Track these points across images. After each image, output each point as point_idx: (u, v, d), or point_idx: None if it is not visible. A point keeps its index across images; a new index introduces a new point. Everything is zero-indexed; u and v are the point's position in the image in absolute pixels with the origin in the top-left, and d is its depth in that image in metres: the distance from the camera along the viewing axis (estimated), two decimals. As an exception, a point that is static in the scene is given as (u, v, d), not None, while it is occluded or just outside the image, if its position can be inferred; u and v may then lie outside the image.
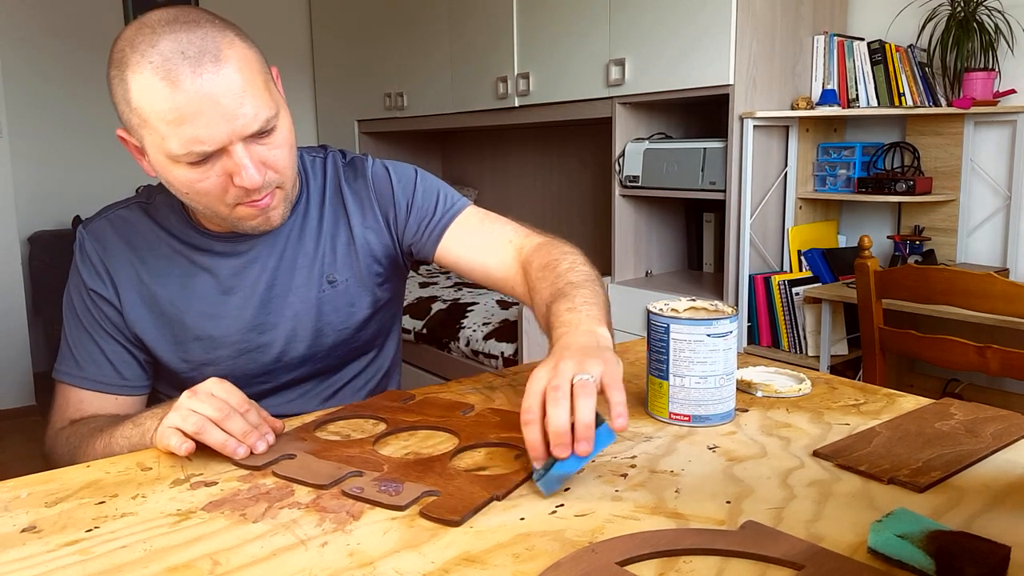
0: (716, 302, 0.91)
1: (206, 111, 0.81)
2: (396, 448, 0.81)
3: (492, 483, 0.70)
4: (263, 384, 1.05)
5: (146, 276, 1.00)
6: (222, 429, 0.77)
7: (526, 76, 2.93)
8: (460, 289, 3.28)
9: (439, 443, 0.82)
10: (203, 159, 0.84)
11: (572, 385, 0.69)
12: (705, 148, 2.41)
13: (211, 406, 0.78)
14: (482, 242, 1.05)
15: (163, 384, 1.07)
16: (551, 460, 0.68)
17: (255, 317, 1.02)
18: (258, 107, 0.85)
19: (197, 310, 1.00)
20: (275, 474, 0.75)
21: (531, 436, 0.69)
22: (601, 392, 0.70)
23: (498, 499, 0.68)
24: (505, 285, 1.03)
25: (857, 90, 2.34)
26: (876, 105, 2.30)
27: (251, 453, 0.78)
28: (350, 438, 0.85)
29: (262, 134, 0.86)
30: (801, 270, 2.42)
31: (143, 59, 0.81)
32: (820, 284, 2.33)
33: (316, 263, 1.04)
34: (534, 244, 1.02)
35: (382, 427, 0.87)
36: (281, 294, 1.03)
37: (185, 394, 0.79)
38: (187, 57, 0.81)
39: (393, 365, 1.20)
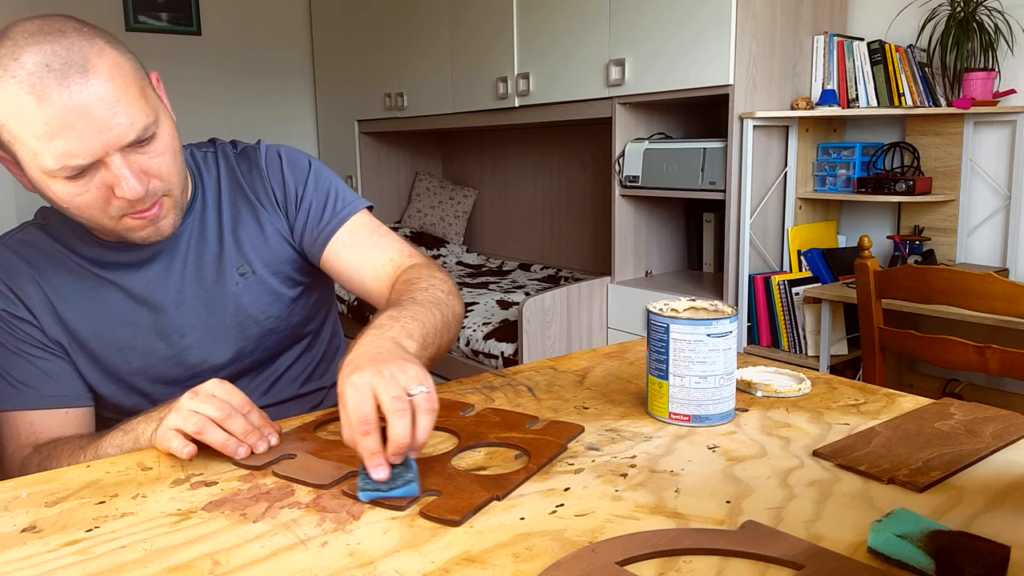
0: (716, 302, 0.91)
1: (77, 124, 0.79)
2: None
3: (492, 483, 0.70)
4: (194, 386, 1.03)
5: (53, 296, 0.97)
6: (223, 429, 0.77)
7: (526, 76, 2.93)
8: (460, 289, 3.28)
9: (439, 443, 0.82)
10: (80, 172, 0.82)
11: (411, 401, 0.69)
12: (705, 148, 2.41)
13: (212, 406, 0.77)
14: (366, 254, 1.04)
15: (106, 407, 1.03)
16: (390, 483, 0.68)
17: (171, 322, 1.00)
18: (133, 116, 0.82)
19: (111, 324, 0.98)
20: (275, 474, 0.75)
21: (372, 444, 0.68)
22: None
23: (498, 499, 0.68)
24: (378, 302, 1.02)
25: (857, 90, 2.34)
26: (876, 105, 2.30)
27: (252, 453, 0.78)
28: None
29: (141, 143, 0.84)
30: (801, 270, 2.42)
31: (6, 73, 0.78)
32: (820, 284, 2.33)
33: (224, 258, 1.02)
34: (410, 264, 1.03)
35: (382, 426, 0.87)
36: (193, 295, 1.00)
37: (187, 395, 0.79)
38: (52, 70, 0.78)
39: (331, 350, 1.17)
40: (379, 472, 0.68)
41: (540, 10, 2.85)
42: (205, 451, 0.79)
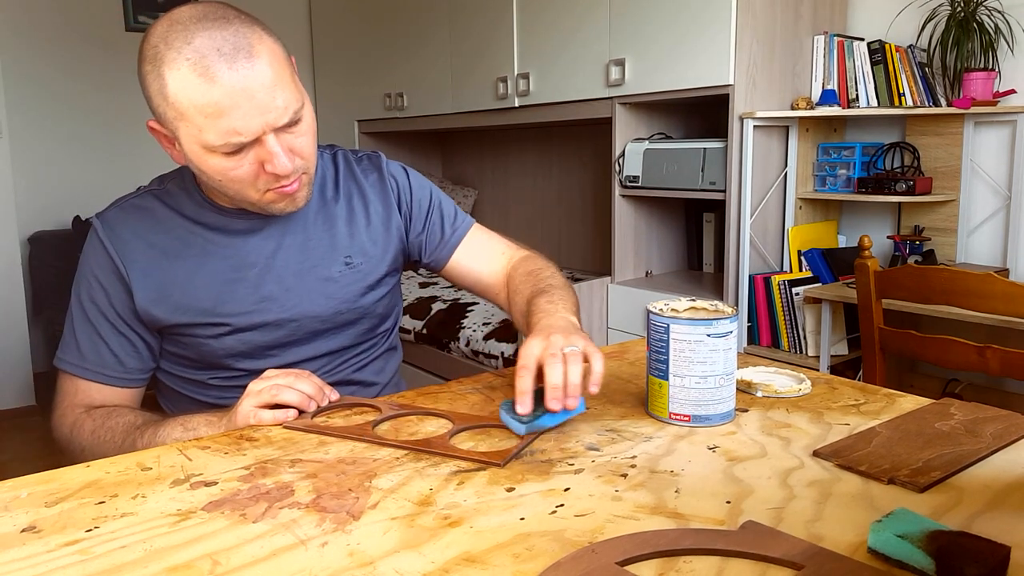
0: (716, 302, 0.91)
1: (242, 104, 0.86)
2: (391, 431, 0.81)
3: (495, 455, 0.77)
4: (277, 358, 1.08)
5: (161, 259, 1.02)
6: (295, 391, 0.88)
7: (526, 76, 2.93)
8: (460, 290, 3.28)
9: (438, 428, 0.82)
10: (238, 149, 0.89)
11: (564, 353, 0.81)
12: (705, 148, 2.41)
13: (280, 379, 0.89)
14: (483, 256, 1.17)
15: (179, 364, 1.08)
16: (540, 411, 0.80)
17: (270, 292, 1.05)
18: (288, 100, 0.89)
19: (213, 288, 1.03)
20: (316, 429, 0.83)
21: (525, 385, 0.80)
22: (584, 361, 0.82)
23: (499, 466, 0.75)
24: (490, 291, 1.16)
25: (857, 90, 2.34)
26: (876, 105, 2.30)
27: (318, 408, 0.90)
28: (351, 420, 0.89)
29: (290, 124, 0.91)
30: (801, 270, 2.42)
31: (179, 55, 0.85)
32: (820, 284, 2.33)
33: (333, 244, 1.09)
34: (521, 256, 1.16)
35: (373, 415, 0.91)
36: (296, 272, 1.06)
37: (251, 383, 0.89)
38: (223, 54, 0.85)
39: (396, 339, 1.25)
40: (519, 407, 0.80)
41: (540, 10, 2.85)
42: (205, 451, 0.79)
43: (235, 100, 0.85)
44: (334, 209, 1.10)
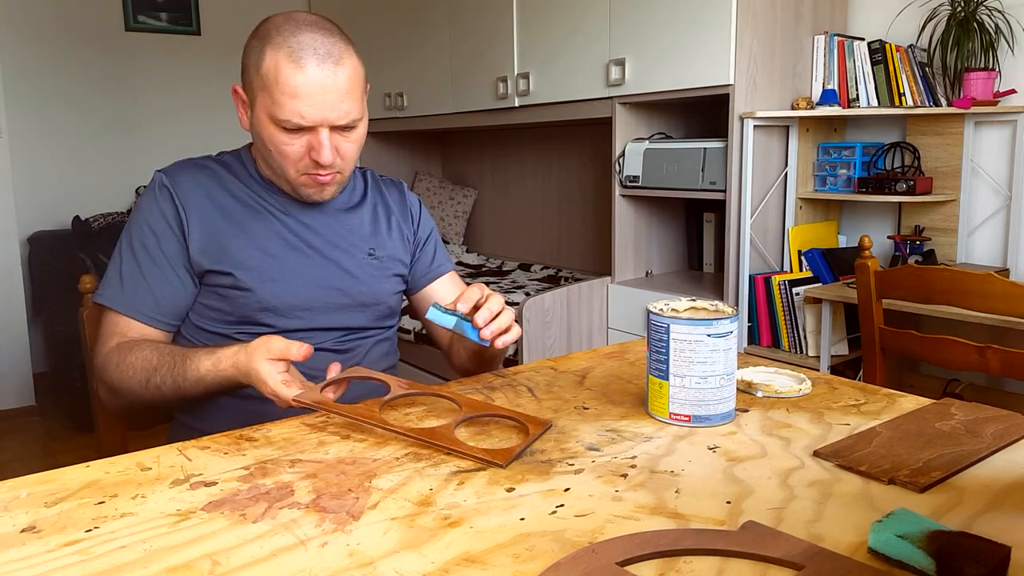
0: (716, 302, 0.91)
1: (315, 96, 1.04)
2: (400, 416, 0.81)
3: (499, 453, 0.76)
4: (302, 320, 1.16)
5: (216, 211, 1.14)
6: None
7: (526, 76, 2.92)
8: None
9: (444, 411, 0.82)
10: (297, 129, 1.06)
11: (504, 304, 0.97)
12: (705, 148, 2.41)
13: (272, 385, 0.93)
14: (452, 296, 1.22)
15: (210, 318, 1.15)
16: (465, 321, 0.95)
17: (304, 265, 1.16)
18: (351, 108, 1.07)
19: (255, 251, 1.13)
20: (324, 406, 0.86)
21: (472, 295, 0.97)
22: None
23: (501, 466, 0.75)
24: (442, 342, 1.29)
25: (857, 90, 2.34)
26: (876, 105, 2.30)
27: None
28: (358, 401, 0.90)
29: (345, 128, 1.09)
30: (801, 270, 2.42)
31: (284, 42, 1.04)
32: (820, 284, 2.33)
33: (361, 236, 1.23)
34: None
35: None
36: (327, 251, 1.18)
37: (264, 373, 0.94)
38: (317, 53, 1.04)
39: (394, 336, 1.33)
40: (461, 306, 0.96)
41: (540, 10, 2.85)
42: (205, 451, 0.79)
43: (310, 90, 1.03)
44: (362, 211, 1.25)
